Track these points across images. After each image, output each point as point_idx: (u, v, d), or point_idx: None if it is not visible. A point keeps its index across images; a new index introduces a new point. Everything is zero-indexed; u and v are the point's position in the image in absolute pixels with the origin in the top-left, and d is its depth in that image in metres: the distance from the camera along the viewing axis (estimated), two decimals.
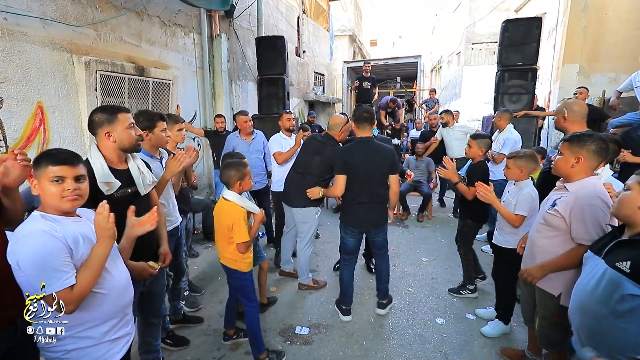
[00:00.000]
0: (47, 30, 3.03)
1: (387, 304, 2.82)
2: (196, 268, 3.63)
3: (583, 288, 1.35)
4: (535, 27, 4.59)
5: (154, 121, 2.13)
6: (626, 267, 1.18)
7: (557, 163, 1.75)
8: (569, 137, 1.74)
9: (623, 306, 1.19)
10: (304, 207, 2.95)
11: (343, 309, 2.75)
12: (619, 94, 4.26)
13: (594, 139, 1.65)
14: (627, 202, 1.27)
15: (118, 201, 1.61)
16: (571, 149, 1.68)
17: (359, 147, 2.54)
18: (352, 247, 2.70)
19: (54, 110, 3.13)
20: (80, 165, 1.23)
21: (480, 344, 2.42)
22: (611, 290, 1.21)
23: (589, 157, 1.64)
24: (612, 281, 1.21)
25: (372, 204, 2.56)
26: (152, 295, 1.98)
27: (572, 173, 1.69)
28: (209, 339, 2.51)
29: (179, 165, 2.06)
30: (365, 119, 2.53)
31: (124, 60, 3.82)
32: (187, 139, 5.22)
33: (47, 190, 1.17)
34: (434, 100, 8.65)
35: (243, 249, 2.09)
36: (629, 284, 1.16)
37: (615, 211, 1.32)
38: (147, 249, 1.83)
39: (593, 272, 1.31)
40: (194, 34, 5.16)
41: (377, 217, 2.62)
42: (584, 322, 1.34)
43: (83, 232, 1.25)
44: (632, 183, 1.29)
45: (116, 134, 1.62)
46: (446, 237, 4.47)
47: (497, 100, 4.89)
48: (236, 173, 2.10)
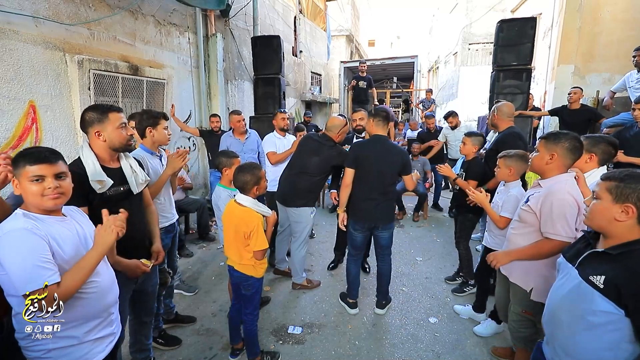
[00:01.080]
0: (40, 28, 3.01)
1: (386, 304, 2.84)
2: (190, 268, 3.62)
3: (555, 297, 1.31)
4: (530, 27, 4.60)
5: (158, 119, 2.18)
6: (600, 282, 1.10)
7: (533, 160, 1.81)
8: (546, 135, 1.77)
9: (594, 320, 1.13)
10: (299, 207, 2.95)
11: (350, 302, 2.82)
12: (613, 94, 4.28)
13: (569, 138, 1.68)
14: (598, 212, 1.17)
15: (110, 199, 1.62)
16: (546, 146, 1.73)
17: (373, 143, 2.57)
18: (359, 242, 2.72)
19: (47, 109, 3.12)
20: (59, 162, 1.22)
21: (472, 343, 2.43)
22: (583, 303, 1.16)
23: (563, 154, 1.68)
24: (584, 295, 1.14)
25: (381, 200, 2.57)
26: (144, 294, 1.98)
27: (546, 170, 1.74)
28: (202, 339, 2.50)
29: (181, 161, 2.09)
30: (383, 117, 2.58)
31: (118, 59, 3.81)
32: (183, 138, 5.22)
33: (28, 189, 1.16)
34: (430, 100, 8.66)
35: (260, 256, 2.03)
36: (601, 300, 1.09)
37: (589, 222, 1.22)
38: (140, 247, 1.83)
39: (566, 282, 1.26)
40: (189, 34, 5.14)
41: (386, 213, 2.64)
42: (555, 332, 1.30)
43: (68, 231, 1.23)
44: (599, 191, 1.18)
45: (106, 133, 1.62)
46: (441, 236, 4.48)
47: (492, 101, 4.89)
48: (252, 177, 2.00)
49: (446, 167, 2.85)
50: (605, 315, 1.10)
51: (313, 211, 3.03)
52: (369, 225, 2.66)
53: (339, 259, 3.66)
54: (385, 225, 2.66)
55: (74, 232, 1.25)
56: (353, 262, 2.79)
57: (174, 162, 2.11)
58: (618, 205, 1.12)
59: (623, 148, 2.94)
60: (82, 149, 1.62)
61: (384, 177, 2.55)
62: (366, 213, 2.61)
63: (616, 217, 1.12)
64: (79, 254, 1.23)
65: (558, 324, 1.27)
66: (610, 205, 1.13)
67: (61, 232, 1.20)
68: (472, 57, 11.47)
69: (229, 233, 2.05)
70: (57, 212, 1.25)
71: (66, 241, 1.20)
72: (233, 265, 2.11)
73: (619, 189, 1.12)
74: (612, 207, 1.13)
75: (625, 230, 1.12)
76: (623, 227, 1.12)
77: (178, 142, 5.12)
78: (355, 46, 15.30)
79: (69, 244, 1.21)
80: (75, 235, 1.26)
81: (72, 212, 1.33)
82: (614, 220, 1.13)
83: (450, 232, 4.41)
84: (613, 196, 1.13)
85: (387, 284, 2.81)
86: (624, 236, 1.12)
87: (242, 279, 2.10)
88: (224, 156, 2.44)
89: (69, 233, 1.23)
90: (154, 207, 2.03)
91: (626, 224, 1.12)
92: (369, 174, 2.54)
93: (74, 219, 1.31)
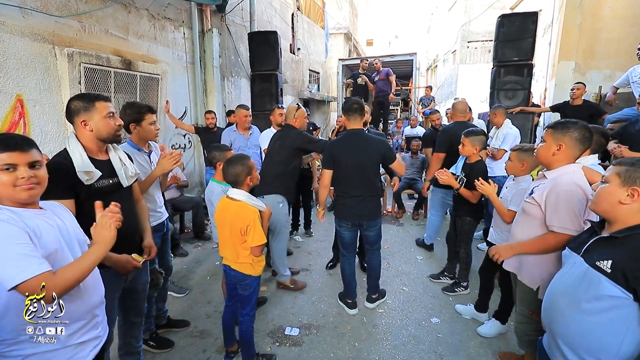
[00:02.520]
0: (27, 20, 2.91)
1: (377, 299, 2.80)
2: (185, 267, 3.52)
3: (558, 286, 1.27)
4: (531, 22, 4.53)
5: (142, 114, 2.05)
6: (607, 267, 1.09)
7: (539, 150, 1.71)
8: (553, 124, 1.67)
9: (600, 306, 1.12)
10: (265, 195, 2.82)
11: (348, 302, 2.75)
12: (616, 89, 4.22)
13: (578, 127, 1.59)
14: (605, 195, 1.17)
15: (99, 192, 1.55)
16: (554, 135, 1.63)
17: (348, 139, 2.49)
18: (348, 240, 2.67)
19: (35, 103, 3.01)
20: (32, 150, 1.12)
21: (476, 344, 2.34)
22: (590, 289, 1.14)
23: (572, 144, 1.59)
24: (592, 281, 1.13)
25: (363, 196, 2.50)
26: (134, 292, 1.89)
27: (552, 161, 1.64)
28: (195, 341, 2.40)
29: (172, 164, 1.99)
30: (354, 110, 2.46)
31: (110, 53, 3.70)
32: (178, 135, 5.12)
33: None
34: (429, 97, 8.59)
35: (258, 252, 1.93)
36: (609, 284, 1.08)
37: (594, 206, 1.22)
38: (130, 242, 1.74)
39: (571, 270, 1.23)
40: (185, 28, 5.04)
41: (369, 209, 2.55)
42: (554, 321, 1.26)
43: (47, 224, 1.14)
44: (609, 175, 1.18)
45: (93, 122, 1.55)
46: (441, 235, 4.39)
47: (492, 97, 4.83)
48: (243, 168, 1.91)
49: (446, 174, 2.57)
50: (612, 300, 1.09)
51: (282, 201, 2.86)
52: (354, 222, 2.59)
53: (337, 258, 3.57)
54: (371, 222, 2.58)
55: (54, 225, 1.15)
56: (346, 261, 2.73)
57: (164, 164, 1.99)
58: (625, 189, 1.13)
59: (628, 143, 2.88)
60: (69, 139, 1.56)
61: (365, 171, 2.46)
62: (350, 210, 2.55)
63: (622, 199, 1.13)
64: (62, 249, 1.14)
65: (559, 312, 1.25)
66: (617, 189, 1.15)
67: (40, 224, 1.10)
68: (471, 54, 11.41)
69: (224, 232, 1.96)
70: (33, 204, 1.15)
71: (46, 234, 1.10)
72: (229, 265, 2.01)
73: (628, 172, 1.14)
74: (618, 190, 1.14)
75: (630, 214, 1.13)
76: (628, 210, 1.13)
77: (173, 140, 5.02)
78: (354, 44, 15.21)
79: (50, 236, 1.11)
80: (56, 228, 1.16)
81: (52, 207, 1.24)
82: (619, 203, 1.14)
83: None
84: (621, 179, 1.14)
85: (376, 278, 2.77)
86: (628, 220, 1.13)
87: (240, 278, 2.00)
88: (217, 150, 2.36)
89: (49, 226, 1.13)
90: (144, 202, 1.95)
91: (631, 208, 1.13)
92: (348, 170, 2.46)
93: (54, 212, 1.21)
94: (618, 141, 2.99)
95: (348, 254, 2.72)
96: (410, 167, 5.24)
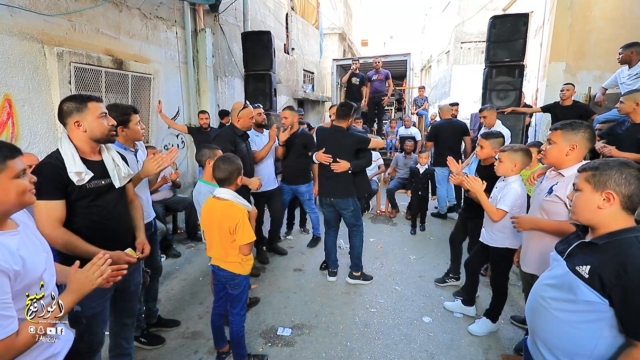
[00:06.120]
0: (15, 18, 2.87)
1: (357, 277, 3.15)
2: (177, 269, 3.50)
3: (541, 287, 1.28)
4: (522, 23, 4.58)
5: (128, 115, 2.04)
6: (585, 272, 1.10)
7: (549, 151, 1.76)
8: (561, 126, 1.72)
9: (577, 309, 1.13)
10: None
11: (329, 271, 3.26)
12: (605, 90, 4.28)
13: (586, 127, 1.71)
14: (582, 204, 1.17)
15: (90, 192, 1.56)
16: (565, 136, 1.69)
17: (331, 131, 3.03)
18: (328, 218, 3.17)
19: (24, 103, 2.97)
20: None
21: (467, 343, 2.36)
22: (568, 293, 1.15)
23: (583, 144, 1.67)
24: (571, 285, 1.13)
25: (336, 177, 2.94)
26: (127, 293, 1.87)
27: (565, 160, 1.69)
28: (187, 342, 2.39)
29: (156, 167, 1.96)
30: (343, 112, 2.95)
31: (101, 52, 3.67)
32: (171, 135, 5.09)
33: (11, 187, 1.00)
34: (423, 98, 8.63)
35: (247, 250, 1.93)
36: (585, 289, 1.09)
37: (575, 216, 1.21)
38: (122, 241, 1.73)
39: (554, 272, 1.24)
40: (177, 28, 5.01)
41: (339, 187, 2.98)
42: (538, 321, 1.28)
43: (29, 243, 1.08)
44: (579, 183, 1.19)
45: (86, 123, 1.55)
46: (434, 234, 4.43)
47: (485, 97, 4.87)
48: (236, 167, 1.93)
49: (459, 174, 2.36)
50: (587, 305, 1.10)
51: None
52: (328, 200, 3.05)
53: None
54: (341, 201, 3.00)
55: (30, 245, 1.09)
56: (327, 236, 3.24)
57: (147, 167, 1.95)
58: (599, 193, 1.13)
59: (615, 143, 2.92)
60: (61, 140, 1.56)
61: (340, 156, 2.90)
62: (325, 187, 3.07)
63: (599, 205, 1.13)
64: (49, 265, 1.12)
65: (540, 313, 1.26)
66: (592, 195, 1.14)
67: (21, 247, 1.03)
68: (464, 55, 11.50)
69: (212, 232, 1.96)
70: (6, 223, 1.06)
71: (30, 257, 1.04)
72: (218, 264, 2.01)
73: (596, 177, 1.14)
74: (593, 196, 1.14)
75: (611, 218, 1.13)
76: (608, 215, 1.13)
77: (166, 140, 4.99)
78: (348, 44, 15.23)
79: (34, 256, 1.06)
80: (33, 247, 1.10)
81: (22, 218, 1.15)
82: (598, 209, 1.13)
83: (444, 230, 4.40)
84: (592, 185, 1.15)
85: (357, 257, 3.13)
86: (610, 225, 1.13)
87: (229, 278, 2.01)
88: (207, 148, 2.35)
89: (31, 244, 1.09)
90: (138, 201, 1.95)
91: (610, 211, 1.12)
92: (328, 153, 2.95)
93: (26, 225, 1.14)
94: (606, 141, 3.04)
95: (329, 229, 3.21)
96: (403, 167, 5.26)
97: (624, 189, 1.10)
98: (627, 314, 1.03)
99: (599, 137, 3.25)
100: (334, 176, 2.94)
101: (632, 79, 3.85)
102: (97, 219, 1.60)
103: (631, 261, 1.02)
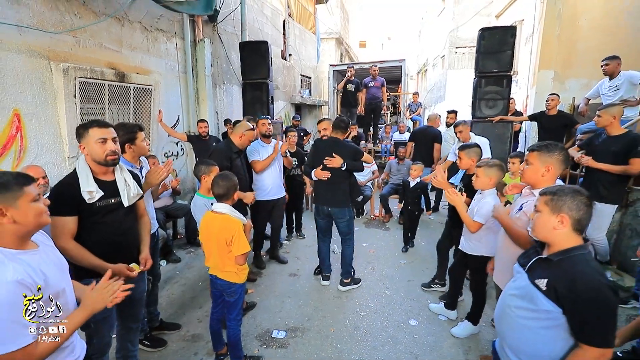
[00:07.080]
0: (24, 37, 3.02)
1: (348, 284, 3.29)
2: (177, 274, 3.65)
3: (506, 298, 1.44)
4: (510, 35, 4.76)
5: (134, 133, 2.22)
6: (543, 285, 1.25)
7: (526, 172, 1.85)
8: (537, 147, 1.81)
9: (537, 317, 1.27)
10: None
11: (323, 275, 3.44)
12: (588, 100, 4.45)
13: (560, 149, 1.76)
14: (541, 224, 1.32)
15: (100, 210, 1.72)
16: (540, 158, 1.77)
17: (329, 142, 3.20)
18: (321, 226, 3.33)
19: (32, 117, 3.12)
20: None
21: (449, 344, 2.53)
22: (529, 303, 1.30)
23: (557, 165, 1.75)
24: (532, 296, 1.28)
25: (331, 185, 3.11)
26: (132, 300, 2.00)
27: (541, 181, 1.78)
28: (187, 345, 2.55)
29: (158, 179, 2.14)
30: (340, 126, 3.16)
31: (104, 66, 3.82)
32: (171, 143, 5.24)
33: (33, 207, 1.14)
34: (417, 103, 8.80)
35: (243, 260, 2.09)
36: (544, 300, 1.24)
37: (535, 233, 1.37)
38: (128, 256, 1.87)
39: (517, 283, 1.41)
40: (177, 39, 5.16)
41: (334, 196, 3.15)
42: (503, 329, 1.44)
43: (49, 262, 1.22)
44: (540, 204, 1.34)
45: (88, 148, 1.72)
46: (425, 239, 4.59)
47: (474, 106, 5.04)
48: (233, 184, 2.12)
49: (441, 178, 2.45)
50: (546, 314, 1.25)
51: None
52: (323, 209, 3.19)
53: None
54: (338, 210, 3.15)
55: (54, 260, 1.24)
56: (321, 242, 3.40)
57: (150, 179, 2.15)
58: (555, 216, 1.28)
59: (592, 154, 3.10)
60: (79, 161, 1.75)
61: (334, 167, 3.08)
62: (319, 196, 3.23)
63: (554, 226, 1.28)
64: (67, 283, 1.25)
65: (506, 320, 1.42)
66: (549, 217, 1.30)
67: (42, 265, 1.16)
68: (459, 60, 11.66)
69: (210, 245, 2.11)
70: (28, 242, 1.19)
71: (51, 274, 1.17)
72: (216, 274, 2.17)
73: (554, 201, 1.29)
74: (550, 218, 1.29)
75: (564, 238, 1.28)
76: (561, 235, 1.28)
77: (166, 148, 5.14)
78: (345, 48, 15.40)
79: (54, 274, 1.19)
80: (57, 263, 1.25)
81: (41, 239, 1.29)
82: (553, 229, 1.29)
83: (435, 235, 4.54)
84: (550, 208, 1.30)
85: (348, 264, 3.29)
86: (562, 244, 1.29)
87: (226, 286, 2.17)
88: (203, 164, 2.51)
89: (50, 262, 1.22)
90: (147, 217, 2.09)
91: (563, 232, 1.28)
92: (321, 163, 3.13)
93: (45, 245, 1.28)
94: (585, 152, 3.21)
95: (322, 237, 3.38)
96: (396, 174, 5.42)
97: (575, 214, 1.26)
98: (575, 321, 1.20)
99: (578, 147, 3.43)
100: (332, 184, 3.10)
101: (612, 90, 4.03)
102: (106, 235, 1.76)
103: (579, 277, 1.19)
